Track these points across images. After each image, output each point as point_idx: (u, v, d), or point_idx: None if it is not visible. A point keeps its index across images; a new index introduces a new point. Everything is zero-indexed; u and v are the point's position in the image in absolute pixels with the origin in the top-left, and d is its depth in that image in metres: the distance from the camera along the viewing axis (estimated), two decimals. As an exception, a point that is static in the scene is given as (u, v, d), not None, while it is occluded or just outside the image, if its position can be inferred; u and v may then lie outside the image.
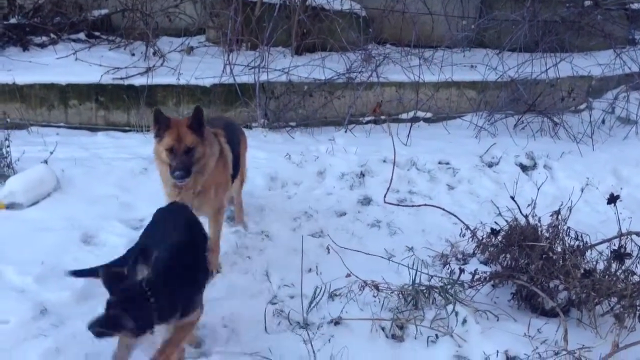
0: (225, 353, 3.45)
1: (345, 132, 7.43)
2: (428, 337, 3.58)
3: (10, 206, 4.88)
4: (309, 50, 8.28)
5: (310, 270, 4.36)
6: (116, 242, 4.53)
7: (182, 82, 7.05)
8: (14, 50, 7.38)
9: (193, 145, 3.91)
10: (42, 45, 7.58)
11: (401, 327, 3.66)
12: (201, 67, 7.27)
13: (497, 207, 4.82)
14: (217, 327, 3.73)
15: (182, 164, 3.86)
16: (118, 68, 6.98)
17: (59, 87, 6.73)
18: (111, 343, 3.39)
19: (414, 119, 7.79)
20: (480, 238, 4.46)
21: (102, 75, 6.81)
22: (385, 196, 4.58)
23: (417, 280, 3.90)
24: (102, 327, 2.66)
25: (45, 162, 5.40)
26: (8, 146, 5.32)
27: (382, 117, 7.68)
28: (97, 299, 3.84)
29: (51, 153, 5.53)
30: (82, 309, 3.75)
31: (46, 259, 4.15)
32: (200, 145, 3.95)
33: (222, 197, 4.38)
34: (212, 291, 4.13)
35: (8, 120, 6.38)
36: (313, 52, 8.22)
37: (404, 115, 7.92)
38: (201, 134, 3.95)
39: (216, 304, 3.98)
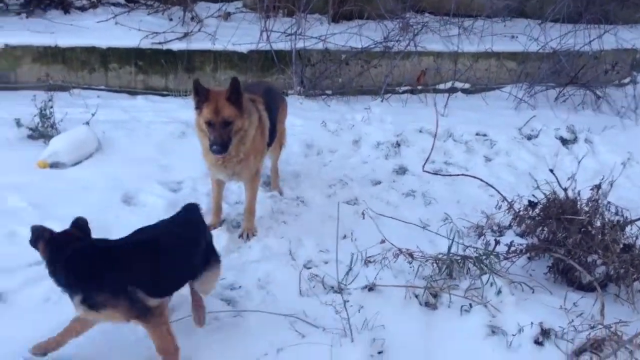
0: (259, 313, 3.51)
1: (382, 101, 7.37)
2: (462, 306, 3.58)
3: (54, 165, 5.00)
4: (346, 18, 8.20)
5: (344, 236, 4.38)
6: (155, 203, 4.64)
7: (220, 47, 7.07)
8: (56, 13, 7.49)
9: (231, 119, 3.90)
10: (82, 9, 7.68)
11: (435, 296, 3.67)
12: (238, 33, 7.26)
13: (535, 180, 4.76)
14: (252, 289, 3.80)
15: (220, 138, 3.87)
16: (156, 33, 7.02)
17: (99, 51, 6.81)
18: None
19: (452, 90, 7.70)
20: (517, 210, 4.42)
21: (141, 40, 6.87)
22: (424, 165, 4.55)
23: (452, 250, 3.89)
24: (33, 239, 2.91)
25: (87, 123, 5.50)
26: (51, 107, 5.44)
27: (419, 87, 7.60)
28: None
29: (92, 115, 5.63)
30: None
31: (89, 216, 4.23)
32: (238, 118, 3.94)
33: (259, 164, 4.42)
34: (248, 254, 4.24)
35: (51, 82, 6.49)
36: (350, 20, 8.15)
37: (441, 86, 7.84)
38: (239, 106, 3.93)
39: (251, 266, 4.08)
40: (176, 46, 7.00)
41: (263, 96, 4.50)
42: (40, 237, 2.92)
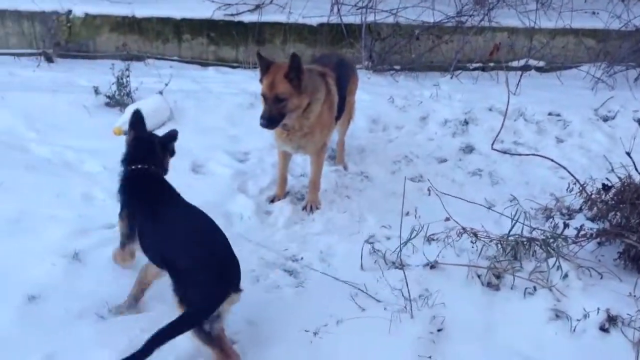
0: (321, 286, 3.57)
1: (451, 78, 7.24)
2: (525, 288, 3.52)
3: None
4: (419, -9, 8.05)
5: (407, 213, 4.35)
6: (223, 173, 4.77)
7: (290, 20, 7.09)
8: (134, -17, 7.68)
9: (284, 96, 3.86)
10: (159, -20, 7.82)
11: (498, 277, 3.62)
12: (309, 5, 7.27)
13: (610, 163, 4.58)
14: (313, 261, 3.85)
15: (268, 112, 3.87)
16: (229, 4, 7.11)
17: (174, 22, 6.98)
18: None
19: (525, 67, 7.45)
20: (589, 193, 4.27)
21: (214, 11, 6.98)
22: (493, 143, 4.45)
23: (518, 232, 3.81)
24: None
25: (161, 93, 5.67)
26: (128, 76, 5.63)
27: (491, 64, 7.40)
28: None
29: (166, 85, 5.80)
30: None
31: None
32: (294, 97, 3.88)
33: (325, 138, 4.43)
34: (311, 226, 4.30)
35: (127, 51, 6.70)
36: (423, -7, 7.99)
37: (514, 63, 7.61)
38: (297, 84, 3.86)
39: (314, 239, 4.13)
40: (247, 18, 7.09)
41: (335, 69, 4.50)
42: (135, 125, 3.45)
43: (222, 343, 2.84)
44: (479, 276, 3.64)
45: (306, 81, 3.94)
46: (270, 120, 3.88)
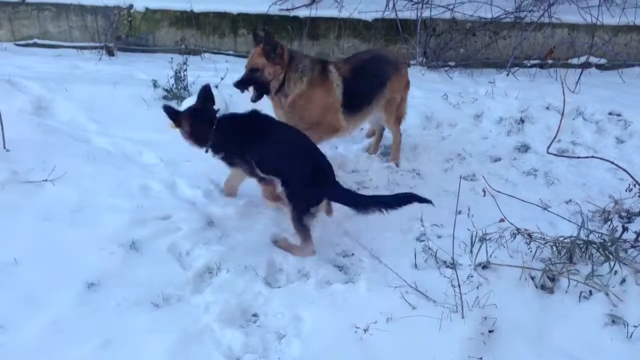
0: (371, 282, 3.57)
1: (507, 75, 7.11)
2: (581, 292, 3.43)
3: (184, 126, 5.30)
4: (478, -13, 7.92)
5: (460, 212, 4.29)
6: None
7: (345, 15, 7.09)
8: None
9: (258, 67, 4.43)
10: (217, -25, 7.95)
11: (552, 279, 3.55)
12: (364, 0, 7.26)
13: (674, 166, 4.42)
14: (364, 257, 3.86)
15: (241, 77, 4.55)
16: (284, -1, 7.18)
17: (230, 17, 7.08)
18: (266, 259, 3.70)
19: (585, 65, 7.25)
20: (651, 196, 4.13)
21: (269, 6, 7.05)
22: (549, 147, 4.35)
23: (574, 234, 3.72)
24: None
25: (216, 87, 5.75)
26: (185, 70, 5.75)
27: (550, 62, 7.22)
28: (255, 217, 4.17)
29: (222, 79, 5.90)
30: (242, 223, 4.11)
31: (214, 176, 4.50)
32: (268, 67, 4.40)
33: (316, 117, 4.58)
34: (362, 222, 4.29)
35: (185, 45, 6.84)
36: (482, -11, 7.85)
37: (574, 60, 7.41)
38: (273, 57, 4.38)
39: (365, 235, 4.13)
40: (302, 13, 7.13)
41: (360, 64, 4.72)
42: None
43: (308, 234, 3.81)
44: (532, 278, 3.58)
45: (285, 56, 4.44)
46: (239, 82, 4.56)
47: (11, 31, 7.15)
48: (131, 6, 7.00)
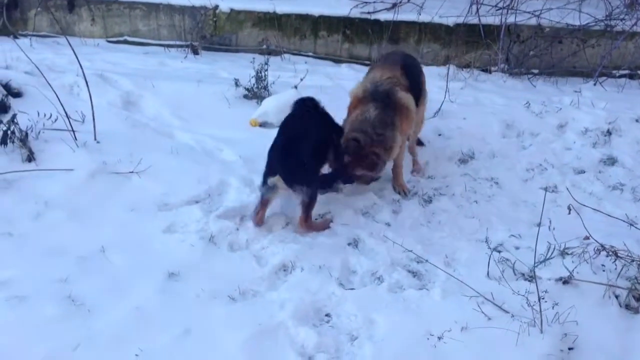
0: (446, 290, 3.52)
1: (595, 84, 6.85)
2: (669, 314, 3.28)
3: (263, 124, 5.42)
4: (567, -7, 7.68)
5: (540, 224, 4.18)
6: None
7: (427, 19, 7.04)
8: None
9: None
10: (299, -23, 8.07)
11: (638, 299, 3.40)
12: (446, 5, 7.20)
13: None
14: (439, 264, 3.81)
15: None
16: (366, 2, 7.18)
17: (312, 19, 7.16)
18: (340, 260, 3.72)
19: (680, 77, 6.88)
20: None
21: (351, 9, 7.08)
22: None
23: (665, 253, 3.55)
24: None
25: (295, 87, 5.84)
26: (266, 70, 5.86)
27: (640, 72, 6.91)
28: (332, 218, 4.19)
29: (301, 80, 5.96)
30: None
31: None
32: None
33: None
34: (437, 229, 4.25)
35: (266, 46, 6.97)
36: (571, -5, 7.61)
37: (667, 72, 7.04)
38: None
39: (440, 242, 4.09)
40: (383, 16, 7.12)
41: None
42: None
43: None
44: (617, 297, 3.43)
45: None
46: None
47: (104, 28, 7.50)
48: (217, 7, 7.20)
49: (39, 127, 4.58)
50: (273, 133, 5.27)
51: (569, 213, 3.52)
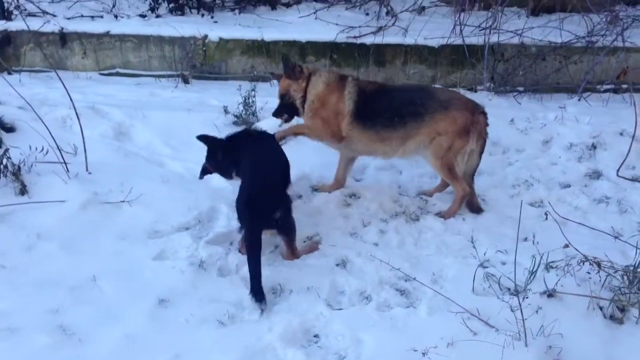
0: (432, 307, 3.57)
1: (579, 100, 6.96)
2: (652, 324, 3.33)
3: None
4: (547, 11, 7.87)
5: (525, 239, 4.24)
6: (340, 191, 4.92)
7: (410, 42, 7.17)
8: (264, 9, 8.24)
9: (284, 91, 4.84)
10: (287, 5, 8.32)
11: (622, 309, 3.44)
12: (430, 27, 7.34)
13: None
14: (426, 282, 3.85)
15: (276, 108, 4.95)
16: (352, 27, 7.33)
17: (299, 44, 7.30)
18: (328, 281, 3.77)
19: (662, 90, 6.98)
20: None
21: (337, 34, 7.22)
22: (618, 170, 4.23)
23: (648, 264, 3.60)
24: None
25: (283, 113, 5.93)
26: (254, 97, 5.97)
27: (624, 86, 7.01)
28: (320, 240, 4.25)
29: (289, 105, 6.05)
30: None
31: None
32: (292, 85, 4.77)
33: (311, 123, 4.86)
34: (424, 247, 4.31)
35: (254, 73, 7.10)
36: (551, 13, 7.80)
37: (650, 85, 7.14)
38: (293, 75, 4.74)
39: (426, 260, 4.15)
40: (369, 40, 7.25)
41: (400, 88, 5.30)
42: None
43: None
44: (600, 308, 3.49)
45: (305, 70, 4.80)
46: (276, 112, 4.96)
47: (96, 61, 7.62)
48: (206, 36, 7.33)
49: (31, 160, 4.65)
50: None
51: (546, 219, 3.58)
